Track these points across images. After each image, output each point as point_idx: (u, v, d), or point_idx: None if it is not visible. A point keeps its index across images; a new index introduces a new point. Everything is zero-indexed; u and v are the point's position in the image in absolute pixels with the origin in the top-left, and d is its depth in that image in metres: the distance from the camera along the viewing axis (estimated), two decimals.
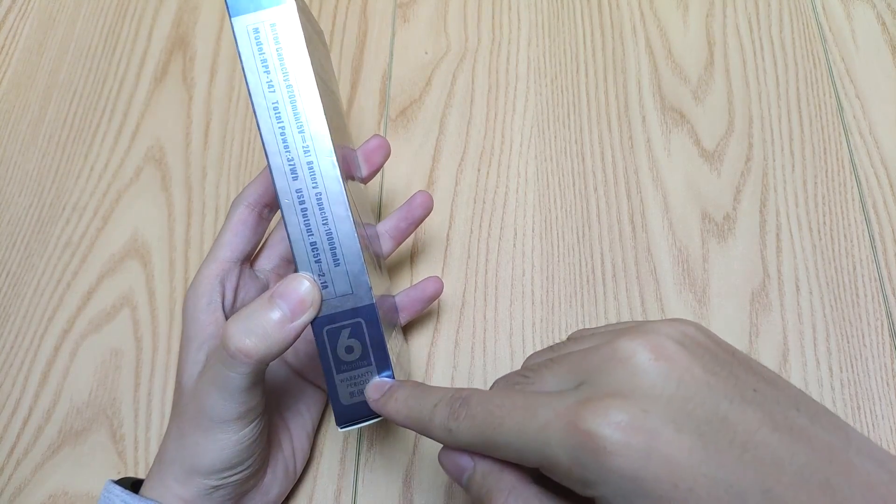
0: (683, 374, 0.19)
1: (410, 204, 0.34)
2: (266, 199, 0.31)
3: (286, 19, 0.26)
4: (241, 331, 0.24)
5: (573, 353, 0.22)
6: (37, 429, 0.36)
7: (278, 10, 0.25)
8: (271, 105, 0.26)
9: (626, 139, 0.42)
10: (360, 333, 0.26)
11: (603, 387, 0.20)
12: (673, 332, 0.21)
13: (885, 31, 0.44)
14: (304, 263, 0.26)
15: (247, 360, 0.24)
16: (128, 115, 0.45)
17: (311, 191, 0.26)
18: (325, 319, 0.26)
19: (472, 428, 0.22)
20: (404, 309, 0.35)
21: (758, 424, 0.19)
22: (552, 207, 0.40)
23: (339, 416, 0.26)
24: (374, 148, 0.33)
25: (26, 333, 0.39)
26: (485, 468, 0.22)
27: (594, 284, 0.38)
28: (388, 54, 0.46)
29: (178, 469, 0.27)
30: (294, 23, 0.25)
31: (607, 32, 0.45)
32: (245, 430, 0.27)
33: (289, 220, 0.26)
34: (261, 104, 0.26)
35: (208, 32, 0.47)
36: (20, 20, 0.49)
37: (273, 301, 0.25)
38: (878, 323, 0.36)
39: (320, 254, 0.26)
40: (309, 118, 0.26)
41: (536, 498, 0.21)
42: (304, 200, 0.26)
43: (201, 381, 0.27)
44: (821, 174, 0.40)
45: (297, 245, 0.26)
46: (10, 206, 0.43)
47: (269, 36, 0.25)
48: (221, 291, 0.30)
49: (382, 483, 0.34)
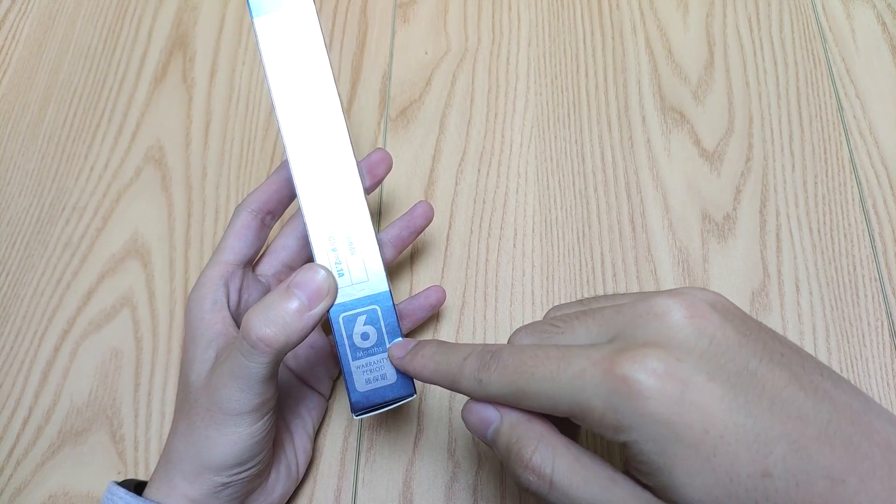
0: (716, 332, 0.20)
1: (412, 213, 0.35)
2: (269, 206, 0.32)
3: (305, 16, 0.27)
4: (261, 321, 0.24)
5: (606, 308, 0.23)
6: (37, 429, 0.36)
7: (297, 8, 0.27)
8: (290, 97, 0.26)
9: (626, 139, 0.42)
10: (376, 320, 0.27)
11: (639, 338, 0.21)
12: (706, 296, 0.22)
13: (885, 31, 0.44)
14: (322, 252, 0.26)
15: (267, 349, 0.25)
16: (128, 115, 0.45)
17: (328, 181, 0.26)
18: (341, 307, 0.27)
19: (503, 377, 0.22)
20: (406, 317, 0.35)
21: (785, 382, 0.20)
22: (552, 207, 0.40)
23: (355, 403, 0.27)
24: (377, 161, 0.33)
25: (26, 333, 0.39)
26: (512, 419, 0.23)
27: (594, 284, 0.38)
28: (388, 54, 0.46)
29: (187, 466, 0.27)
30: (312, 19, 0.27)
31: (607, 32, 0.45)
32: (258, 423, 0.27)
33: (307, 210, 0.27)
34: (280, 97, 0.26)
35: (208, 32, 0.47)
36: (20, 20, 0.49)
37: (291, 291, 0.25)
38: (878, 323, 0.36)
39: (337, 243, 0.27)
40: (327, 109, 0.26)
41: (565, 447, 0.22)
42: (321, 191, 0.26)
43: (216, 374, 0.27)
44: (821, 174, 0.40)
45: (314, 234, 0.26)
46: (10, 206, 0.43)
47: (289, 33, 0.27)
48: (226, 292, 0.30)
49: (382, 483, 0.34)
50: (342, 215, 0.26)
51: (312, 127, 0.26)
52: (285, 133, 0.26)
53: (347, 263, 0.26)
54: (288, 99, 0.26)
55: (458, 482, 0.34)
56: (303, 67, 0.27)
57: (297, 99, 0.26)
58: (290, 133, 0.26)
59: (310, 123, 0.26)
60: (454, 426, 0.35)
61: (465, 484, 0.34)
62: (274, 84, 0.26)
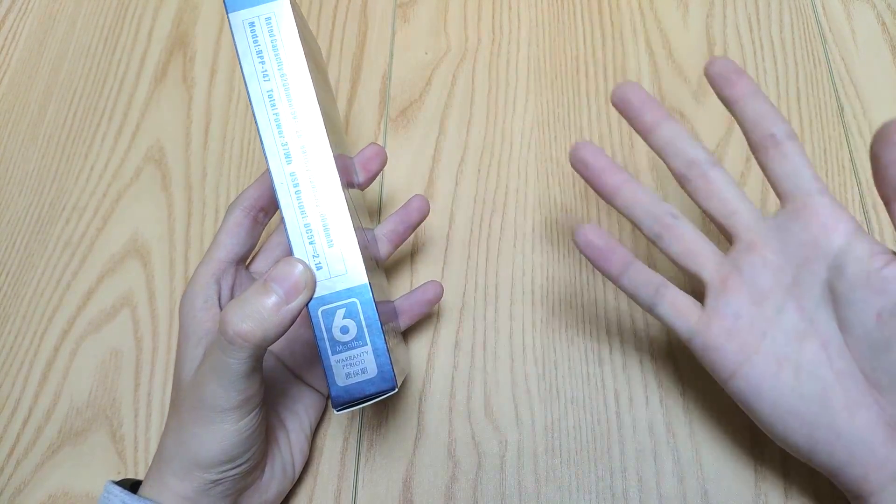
0: None
1: (407, 208, 0.35)
2: (262, 202, 0.32)
3: (280, 13, 0.27)
4: (237, 316, 0.24)
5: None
6: (37, 429, 0.36)
7: (272, 5, 0.27)
8: (266, 92, 0.27)
9: (626, 139, 0.42)
10: (355, 313, 0.27)
11: None
12: None
13: (885, 31, 0.44)
14: (300, 245, 0.26)
15: (245, 344, 0.24)
16: (128, 115, 0.45)
17: (304, 174, 0.26)
18: (320, 300, 0.26)
19: None
20: (404, 313, 0.35)
21: None
22: (552, 207, 0.40)
23: (335, 398, 0.26)
24: (371, 156, 0.33)
25: (26, 333, 0.39)
26: None
27: (594, 285, 0.38)
28: (388, 54, 0.46)
29: (177, 464, 0.27)
30: (288, 16, 0.27)
31: (607, 32, 0.45)
32: (244, 420, 0.27)
33: (284, 203, 0.27)
34: (256, 92, 0.27)
35: (208, 32, 0.47)
36: (20, 20, 0.49)
37: (267, 285, 0.25)
38: None
39: (314, 235, 0.27)
40: (303, 104, 0.27)
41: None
42: (297, 183, 0.26)
43: (200, 371, 0.27)
44: (821, 174, 0.40)
45: (291, 227, 0.26)
46: (10, 206, 0.43)
47: (264, 29, 0.27)
48: (217, 290, 0.30)
49: (382, 483, 0.34)
50: (319, 208, 0.27)
51: (288, 121, 0.27)
52: (262, 127, 0.27)
53: (325, 256, 0.26)
54: (263, 93, 0.27)
55: (458, 482, 0.34)
56: (279, 62, 0.27)
57: (272, 93, 0.27)
58: (266, 127, 0.27)
59: (285, 118, 0.27)
60: (454, 426, 0.35)
61: (465, 484, 0.34)
62: (249, 78, 0.27)
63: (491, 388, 0.36)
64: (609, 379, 0.35)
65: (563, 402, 0.35)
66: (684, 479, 0.33)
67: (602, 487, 0.33)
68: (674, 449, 0.34)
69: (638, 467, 0.33)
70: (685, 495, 0.33)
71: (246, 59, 0.26)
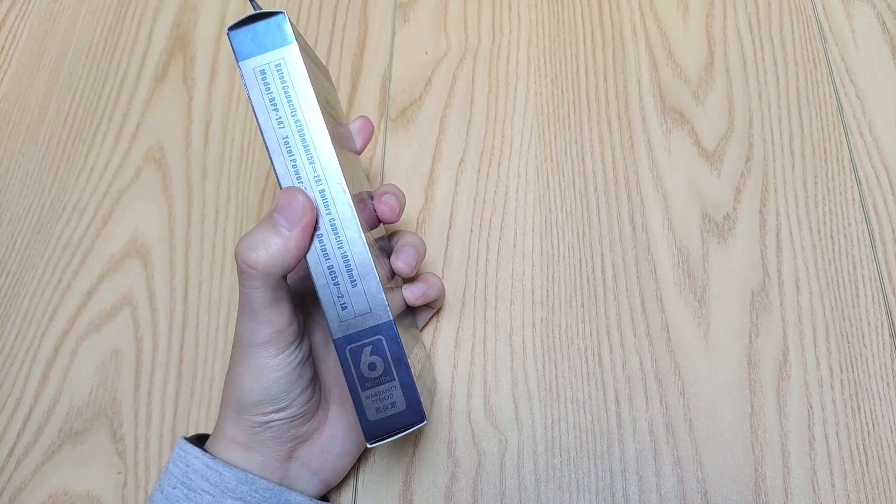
0: None
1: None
2: None
3: (290, 59, 0.27)
4: (246, 245, 0.26)
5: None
6: (37, 429, 0.36)
7: (282, 51, 0.27)
8: (282, 140, 0.27)
9: (626, 139, 0.42)
10: (382, 350, 0.27)
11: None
12: None
13: (885, 31, 0.44)
14: (324, 286, 0.27)
15: (252, 271, 0.26)
16: (128, 115, 0.45)
17: (324, 217, 0.27)
18: (347, 339, 0.27)
19: None
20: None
21: None
22: (552, 207, 0.40)
23: (367, 431, 0.27)
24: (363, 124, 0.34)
25: (26, 333, 0.39)
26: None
27: (594, 284, 0.38)
28: (388, 54, 0.46)
29: (229, 409, 0.29)
30: (297, 62, 0.27)
31: (607, 32, 0.45)
32: (279, 357, 0.28)
33: None
34: (272, 140, 0.27)
35: (208, 32, 0.47)
36: (20, 20, 0.49)
37: (271, 216, 0.26)
38: (878, 323, 0.36)
39: (338, 276, 0.27)
40: (318, 149, 0.27)
41: None
42: (318, 227, 0.27)
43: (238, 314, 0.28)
44: (821, 174, 0.40)
45: (315, 269, 0.27)
46: (10, 206, 0.43)
47: (275, 76, 0.27)
48: None
49: (382, 483, 0.34)
50: (341, 249, 0.27)
51: (304, 167, 0.27)
52: (280, 173, 0.27)
53: (349, 296, 0.27)
54: (279, 140, 0.27)
55: (458, 482, 0.34)
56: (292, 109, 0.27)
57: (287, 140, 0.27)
58: (284, 173, 0.27)
59: (302, 164, 0.27)
60: (454, 426, 0.35)
61: (465, 484, 0.34)
62: (265, 127, 0.27)
63: (491, 387, 0.36)
64: (609, 379, 0.35)
65: (563, 402, 0.35)
66: (684, 479, 0.33)
67: (602, 487, 0.33)
68: (674, 449, 0.34)
69: (638, 467, 0.33)
70: (685, 495, 0.33)
71: (260, 108, 0.27)
